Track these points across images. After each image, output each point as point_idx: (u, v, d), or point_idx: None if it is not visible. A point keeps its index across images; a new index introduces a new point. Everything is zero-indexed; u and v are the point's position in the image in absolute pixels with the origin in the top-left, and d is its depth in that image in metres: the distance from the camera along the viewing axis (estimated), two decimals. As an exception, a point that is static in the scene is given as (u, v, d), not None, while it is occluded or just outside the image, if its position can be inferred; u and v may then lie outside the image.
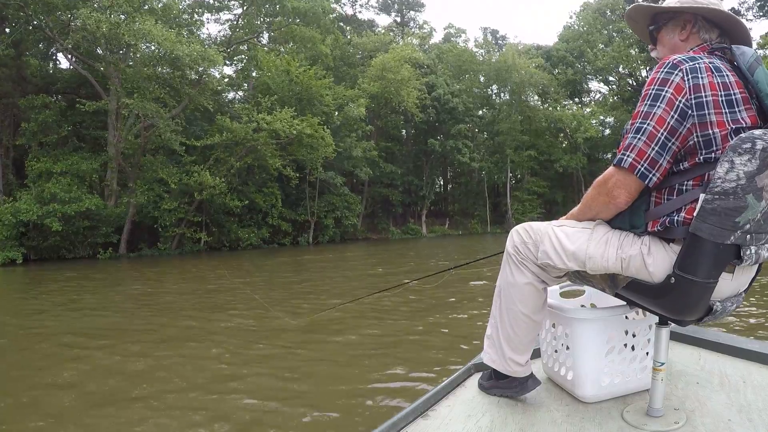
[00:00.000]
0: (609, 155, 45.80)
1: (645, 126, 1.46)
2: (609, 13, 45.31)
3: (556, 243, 1.66)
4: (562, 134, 45.38)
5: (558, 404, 1.85)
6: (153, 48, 21.91)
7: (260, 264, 17.92)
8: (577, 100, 49.62)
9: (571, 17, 57.88)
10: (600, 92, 50.66)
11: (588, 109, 46.39)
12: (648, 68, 44.04)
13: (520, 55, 42.11)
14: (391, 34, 45.40)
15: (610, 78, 47.52)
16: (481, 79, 45.02)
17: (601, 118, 45.07)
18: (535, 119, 43.33)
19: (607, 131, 45.31)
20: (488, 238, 32.79)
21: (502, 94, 45.98)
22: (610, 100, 47.12)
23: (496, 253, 1.94)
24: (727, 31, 1.65)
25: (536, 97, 45.41)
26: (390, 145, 38.70)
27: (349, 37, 40.82)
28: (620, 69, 45.26)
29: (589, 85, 50.60)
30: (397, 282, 11.05)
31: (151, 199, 22.78)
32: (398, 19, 52.19)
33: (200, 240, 24.75)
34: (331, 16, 32.29)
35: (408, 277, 12.00)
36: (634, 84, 46.30)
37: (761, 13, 38.78)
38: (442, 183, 47.78)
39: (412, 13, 52.79)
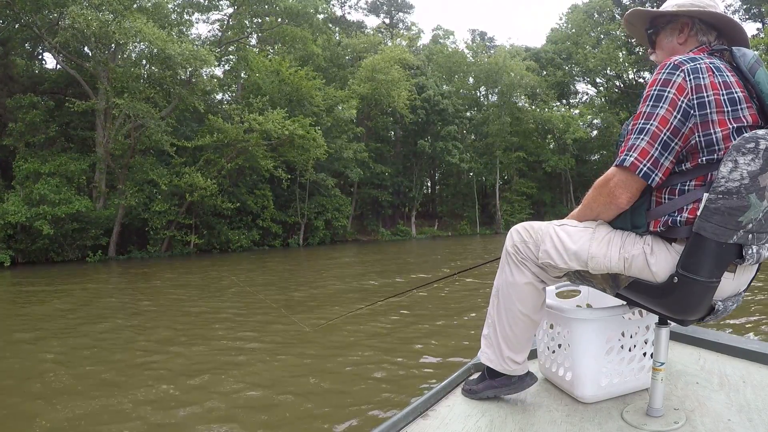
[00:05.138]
0: (597, 156, 46.21)
1: (648, 126, 1.46)
2: (597, 16, 45.55)
3: (558, 243, 1.65)
4: (550, 135, 45.63)
5: (557, 404, 1.86)
6: (143, 47, 21.71)
7: (256, 266, 17.83)
8: (564, 101, 49.90)
9: (560, 18, 58.16)
10: (587, 94, 51.07)
11: (576, 111, 46.63)
12: (635, 70, 44.41)
13: (512, 56, 42.24)
14: (380, 35, 45.33)
15: (598, 80, 47.83)
16: (470, 80, 45.11)
17: (589, 119, 45.35)
18: (523, 121, 43.51)
19: (595, 132, 45.65)
20: (478, 239, 32.85)
21: (490, 96, 46.10)
22: (598, 101, 47.43)
23: (497, 258, 1.94)
24: (724, 33, 1.66)
25: (524, 99, 45.61)
26: (380, 146, 38.60)
27: (338, 38, 40.70)
28: (608, 71, 45.55)
29: (577, 87, 51.02)
30: (398, 285, 11.11)
31: (141, 201, 22.54)
32: (387, 21, 52.18)
33: (190, 242, 24.56)
34: (320, 16, 32.07)
35: (410, 280, 12.06)
36: (622, 86, 46.65)
37: (747, 16, 39.27)
38: (430, 184, 47.76)
39: (401, 14, 52.86)
